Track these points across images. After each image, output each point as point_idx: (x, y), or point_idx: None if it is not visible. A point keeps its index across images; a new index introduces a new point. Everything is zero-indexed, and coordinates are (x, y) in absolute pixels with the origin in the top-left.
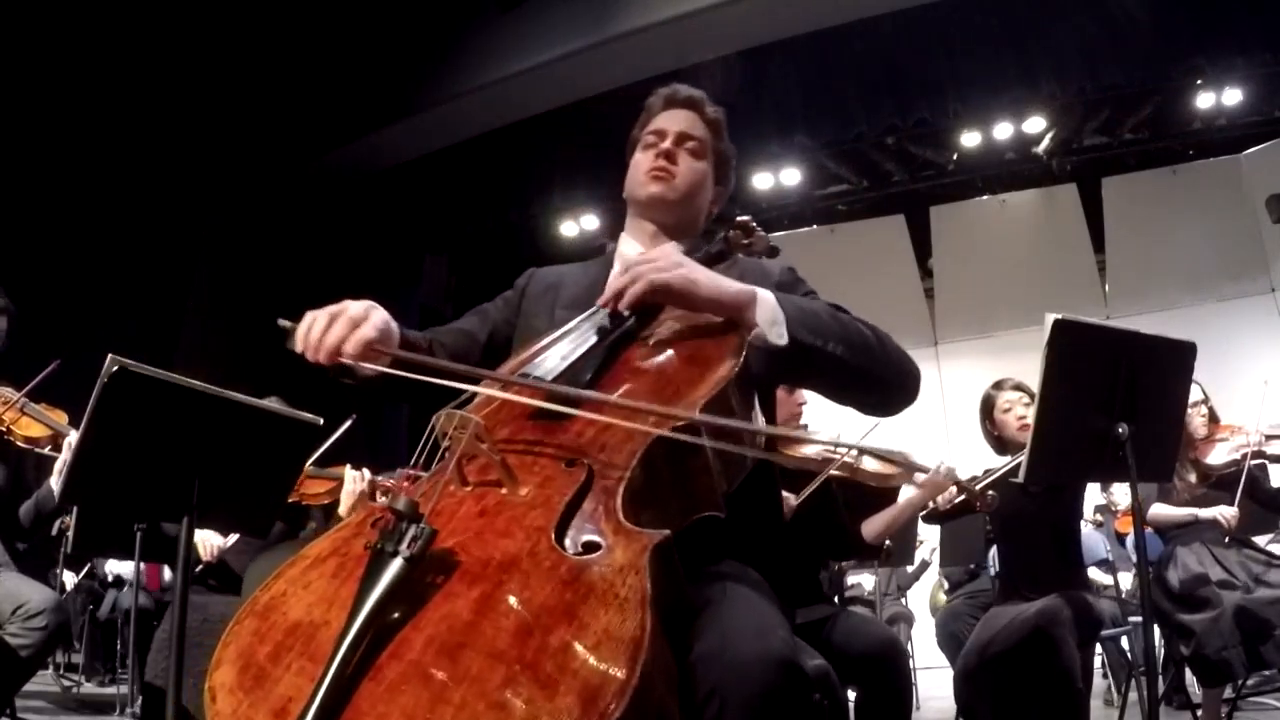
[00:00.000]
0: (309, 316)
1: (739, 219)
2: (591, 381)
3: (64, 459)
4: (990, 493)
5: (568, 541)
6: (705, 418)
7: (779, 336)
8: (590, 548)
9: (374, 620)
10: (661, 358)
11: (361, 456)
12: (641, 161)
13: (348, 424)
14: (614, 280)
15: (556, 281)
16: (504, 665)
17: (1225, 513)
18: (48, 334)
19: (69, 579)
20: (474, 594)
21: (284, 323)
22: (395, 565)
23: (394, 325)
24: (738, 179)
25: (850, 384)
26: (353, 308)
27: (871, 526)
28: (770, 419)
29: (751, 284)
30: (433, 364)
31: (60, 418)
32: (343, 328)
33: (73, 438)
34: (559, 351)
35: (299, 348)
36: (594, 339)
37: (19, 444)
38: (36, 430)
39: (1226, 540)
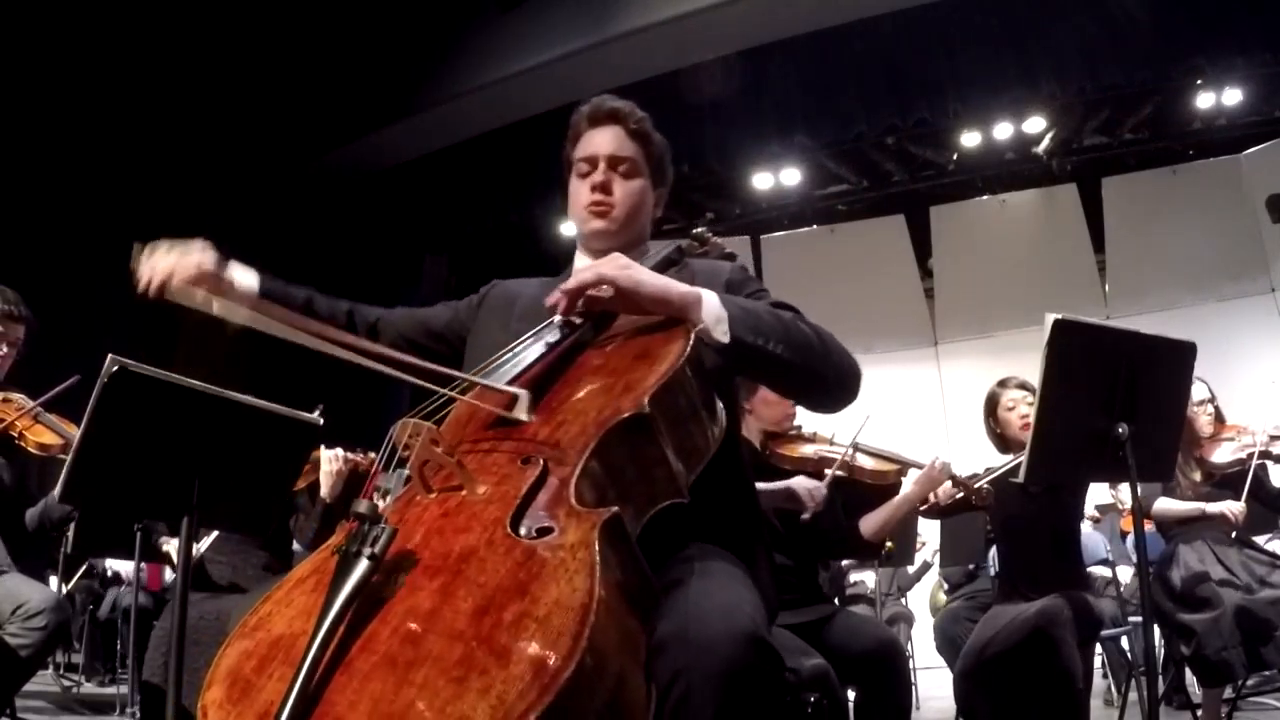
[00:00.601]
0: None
1: (695, 230)
2: (547, 383)
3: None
4: (986, 486)
5: (522, 529)
6: (645, 412)
7: (722, 335)
8: (544, 532)
9: (342, 617)
10: (612, 359)
11: (358, 442)
12: (578, 193)
13: (316, 412)
14: (564, 285)
15: (515, 294)
16: (461, 643)
17: (1233, 508)
18: (46, 334)
19: (53, 584)
20: (435, 584)
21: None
22: (361, 565)
23: (241, 273)
24: (738, 179)
25: (792, 380)
26: (183, 246)
27: (869, 523)
28: (731, 411)
29: (703, 284)
30: (293, 320)
31: (72, 429)
32: (169, 262)
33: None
34: (512, 359)
35: (140, 283)
36: (545, 347)
37: (31, 449)
38: (49, 438)
39: (1232, 536)
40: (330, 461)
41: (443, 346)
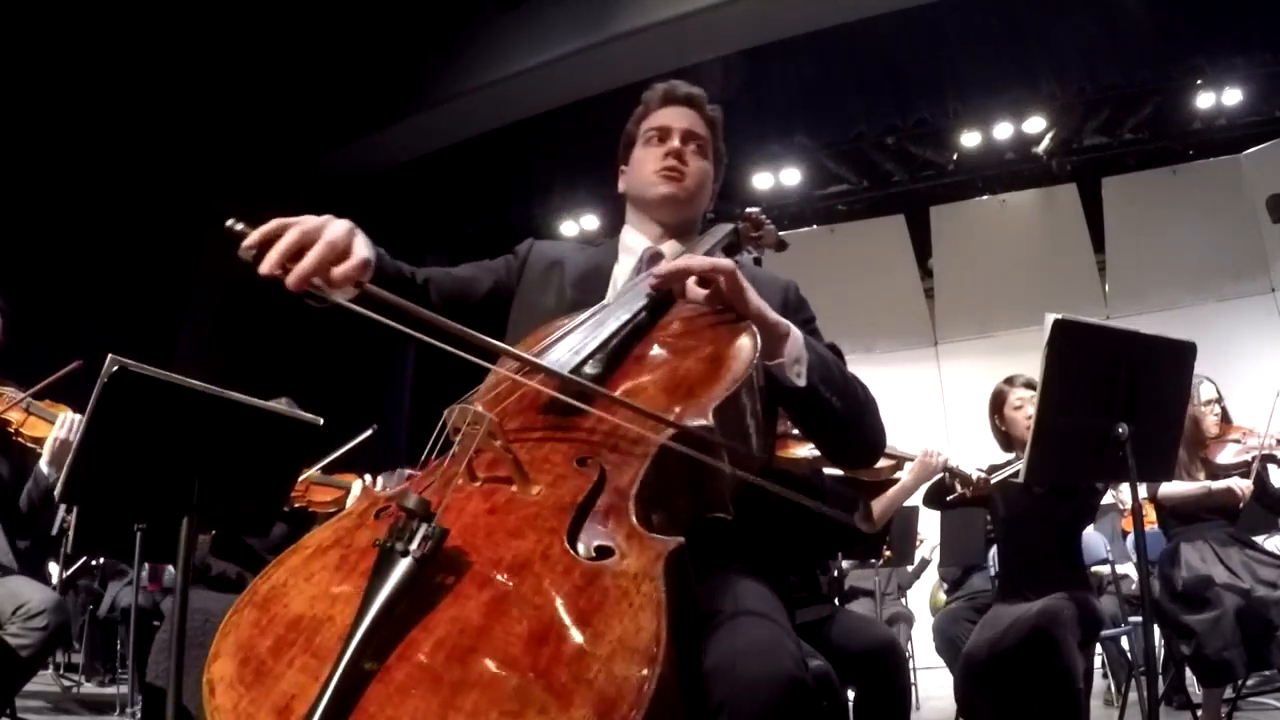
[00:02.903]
0: (274, 226)
1: (748, 211)
2: (605, 373)
3: (53, 435)
4: (982, 475)
5: (580, 545)
6: (710, 425)
7: (798, 377)
8: (603, 552)
9: (381, 622)
10: (676, 354)
11: (361, 459)
12: (647, 159)
13: (368, 433)
14: (683, 260)
15: (559, 258)
16: (517, 672)
17: (1240, 483)
18: (48, 335)
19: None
20: (485, 596)
21: (235, 225)
22: (404, 565)
23: (373, 252)
24: (738, 179)
25: (832, 434)
26: (331, 229)
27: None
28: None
29: (762, 296)
30: (442, 321)
31: (63, 411)
32: (321, 253)
33: (64, 417)
34: (571, 341)
35: (264, 269)
36: (609, 330)
37: (26, 443)
38: (43, 429)
39: (1231, 534)
40: (363, 490)
41: (486, 312)
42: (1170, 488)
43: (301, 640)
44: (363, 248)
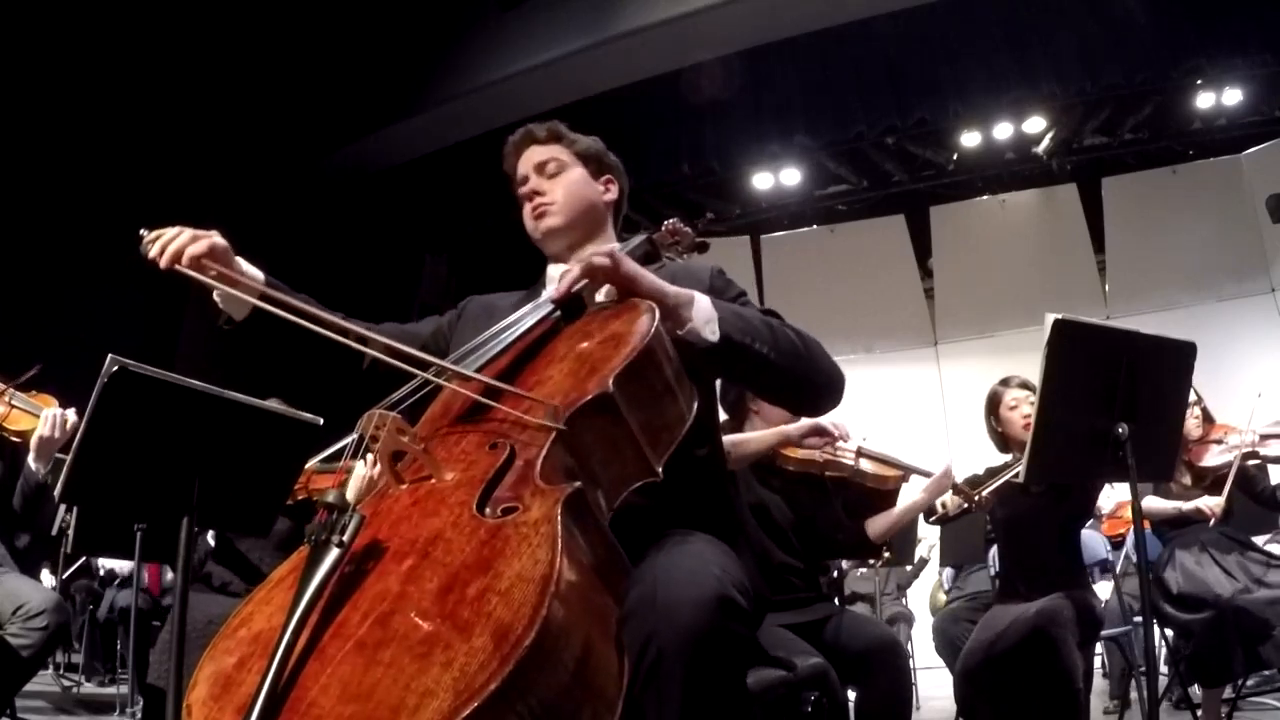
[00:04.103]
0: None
1: (666, 222)
2: (514, 372)
3: (38, 434)
4: (987, 495)
5: (488, 510)
6: (609, 391)
7: (711, 334)
8: (509, 511)
9: (314, 605)
10: (580, 344)
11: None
12: (525, 213)
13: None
14: (566, 275)
15: (493, 304)
16: (427, 620)
17: (1209, 503)
18: (47, 334)
19: (47, 578)
20: (403, 568)
21: (145, 232)
22: (330, 554)
23: (241, 262)
24: (738, 179)
25: (777, 383)
26: (184, 227)
27: (875, 526)
28: (708, 400)
29: (683, 285)
30: (297, 305)
31: (48, 403)
32: (174, 232)
33: (47, 414)
34: (476, 350)
35: (151, 253)
36: (514, 334)
37: (11, 439)
38: (27, 423)
39: (1227, 536)
40: (365, 466)
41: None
42: (1149, 502)
43: (260, 650)
44: (216, 239)
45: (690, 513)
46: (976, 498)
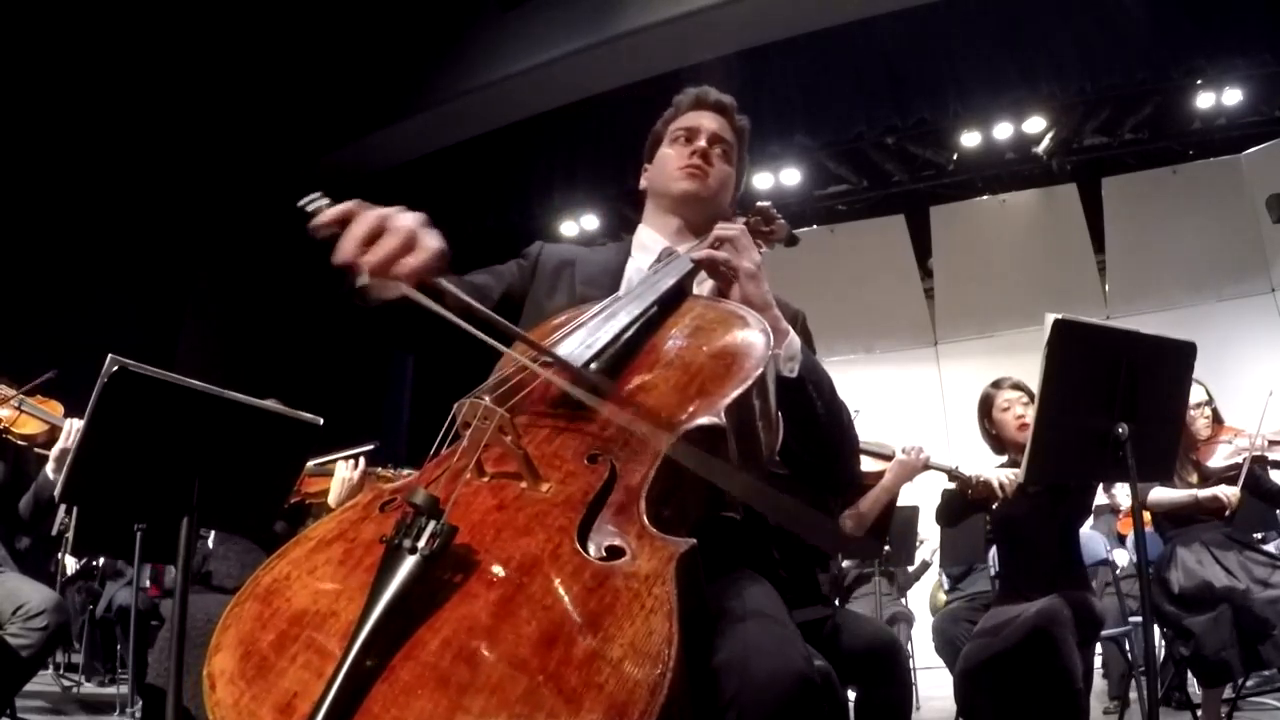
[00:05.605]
0: (349, 209)
1: (759, 205)
2: (617, 369)
3: (60, 446)
4: (978, 477)
5: (591, 545)
6: (721, 424)
7: (790, 370)
8: (614, 553)
9: (388, 618)
10: (689, 350)
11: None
12: (673, 156)
13: (369, 448)
14: (723, 251)
15: (570, 258)
16: (526, 674)
17: (1225, 491)
18: (47, 334)
19: (70, 564)
20: (493, 596)
21: (316, 201)
22: (411, 562)
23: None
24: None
25: (810, 441)
26: (403, 220)
27: (849, 519)
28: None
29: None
30: (481, 311)
31: (56, 409)
32: (395, 243)
33: (69, 425)
34: (581, 334)
35: (342, 257)
36: (621, 323)
37: (17, 441)
38: (34, 427)
39: (1227, 536)
40: (345, 468)
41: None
42: (1157, 495)
43: (305, 636)
44: (435, 239)
45: (750, 534)
46: (968, 477)
